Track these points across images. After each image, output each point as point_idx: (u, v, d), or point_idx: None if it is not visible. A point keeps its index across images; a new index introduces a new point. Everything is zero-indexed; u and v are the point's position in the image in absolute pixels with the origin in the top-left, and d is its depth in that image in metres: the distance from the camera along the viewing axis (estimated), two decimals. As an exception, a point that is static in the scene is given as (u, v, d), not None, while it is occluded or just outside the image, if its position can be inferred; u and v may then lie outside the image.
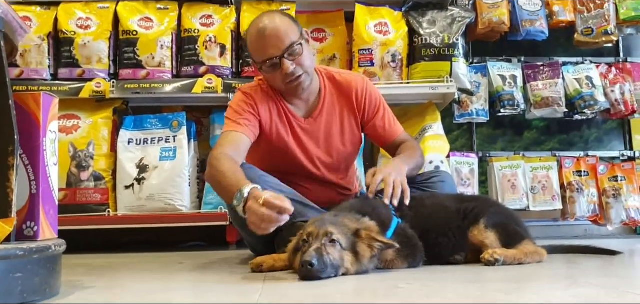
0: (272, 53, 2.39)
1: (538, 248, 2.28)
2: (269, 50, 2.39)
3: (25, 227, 1.60)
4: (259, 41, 2.41)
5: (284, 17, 2.47)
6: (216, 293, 1.69)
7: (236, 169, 2.21)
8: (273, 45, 2.38)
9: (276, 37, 2.38)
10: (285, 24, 2.42)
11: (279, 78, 2.45)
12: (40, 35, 3.59)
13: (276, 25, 2.39)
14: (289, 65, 2.40)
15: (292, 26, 2.44)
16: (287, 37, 2.39)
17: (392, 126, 2.70)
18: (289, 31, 2.41)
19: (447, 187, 2.64)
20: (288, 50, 2.39)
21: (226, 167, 2.22)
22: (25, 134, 1.60)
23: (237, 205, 2.06)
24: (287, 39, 2.39)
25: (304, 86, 2.50)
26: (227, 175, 2.18)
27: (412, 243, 2.14)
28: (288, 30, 2.41)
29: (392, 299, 1.47)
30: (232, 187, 2.10)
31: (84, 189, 3.43)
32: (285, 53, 2.39)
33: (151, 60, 3.60)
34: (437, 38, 3.67)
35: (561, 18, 3.99)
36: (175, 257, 2.99)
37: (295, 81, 2.45)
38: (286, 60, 2.39)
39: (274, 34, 2.38)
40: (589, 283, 1.75)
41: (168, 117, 3.61)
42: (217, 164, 2.25)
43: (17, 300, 1.41)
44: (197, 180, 3.59)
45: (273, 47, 2.38)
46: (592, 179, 3.98)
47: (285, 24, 2.42)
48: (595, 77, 4.02)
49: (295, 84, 2.46)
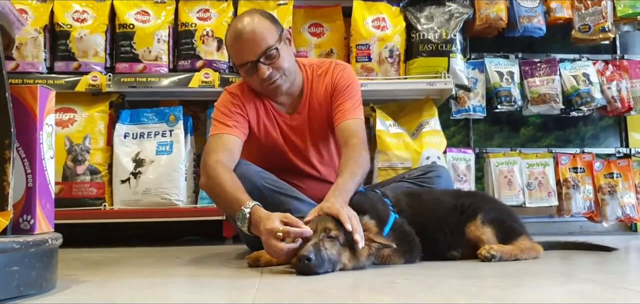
0: (247, 58, 2.37)
1: (534, 243, 2.29)
2: (245, 55, 2.37)
3: (22, 220, 1.60)
4: (235, 45, 2.39)
5: (263, 18, 2.42)
6: (213, 288, 1.69)
7: (234, 182, 2.21)
8: (249, 49, 2.36)
9: (252, 40, 2.34)
10: (262, 27, 2.37)
11: (256, 81, 2.43)
12: (36, 28, 3.57)
13: (253, 28, 2.35)
14: (264, 70, 2.37)
15: (270, 29, 2.39)
16: (263, 41, 2.35)
17: (347, 110, 2.47)
18: (266, 34, 2.36)
19: (444, 183, 2.64)
20: (263, 54, 2.36)
21: (223, 180, 2.22)
22: (21, 127, 1.59)
23: (240, 226, 2.11)
24: (263, 43, 2.35)
25: (281, 89, 2.47)
26: (226, 189, 2.19)
27: (409, 239, 2.15)
28: (265, 33, 2.36)
29: (389, 294, 1.47)
30: (232, 204, 2.15)
31: (80, 183, 3.42)
32: (260, 58, 2.36)
33: (148, 54, 3.59)
34: (434, 34, 3.67)
35: (559, 15, 3.99)
36: (172, 251, 2.98)
37: (272, 84, 2.43)
38: (262, 65, 2.36)
39: (250, 38, 2.34)
40: (585, 278, 1.75)
41: (165, 111, 3.60)
42: (215, 176, 2.24)
43: (14, 294, 1.41)
44: (194, 174, 3.59)
45: (248, 51, 2.36)
46: (588, 176, 3.99)
47: (263, 26, 2.38)
48: (592, 74, 4.03)
49: (272, 87, 2.44)
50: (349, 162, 2.26)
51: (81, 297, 1.54)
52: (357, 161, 2.27)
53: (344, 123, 2.44)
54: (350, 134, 2.39)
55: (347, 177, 2.19)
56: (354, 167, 2.24)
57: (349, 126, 2.43)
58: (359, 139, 2.37)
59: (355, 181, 2.21)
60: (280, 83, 2.44)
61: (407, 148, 3.52)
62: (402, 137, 3.56)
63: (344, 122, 2.44)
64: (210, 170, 2.27)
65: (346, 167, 2.23)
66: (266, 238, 1.96)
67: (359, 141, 2.36)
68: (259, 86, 2.46)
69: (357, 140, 2.36)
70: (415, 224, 2.20)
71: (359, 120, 2.48)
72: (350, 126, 2.43)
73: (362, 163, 2.28)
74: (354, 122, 2.45)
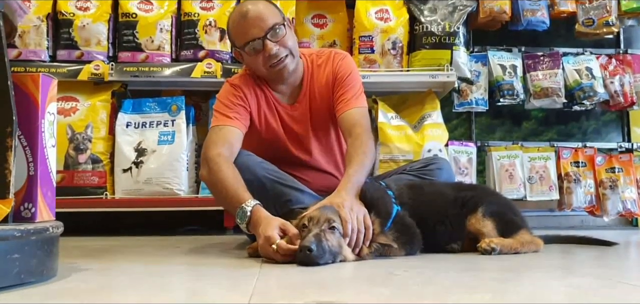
0: (254, 34, 2.36)
1: (534, 237, 2.29)
2: (251, 31, 2.36)
3: (23, 208, 1.60)
4: (241, 23, 2.38)
5: (267, 2, 2.45)
6: (213, 277, 1.69)
7: (236, 177, 2.21)
8: (255, 25, 2.35)
9: (258, 18, 2.35)
10: (268, 8, 2.40)
11: (262, 61, 2.41)
12: (39, 16, 3.57)
13: (259, 8, 2.37)
14: (271, 46, 2.36)
15: (274, 10, 2.42)
16: (270, 19, 2.36)
17: (349, 99, 2.47)
18: (271, 14, 2.38)
19: (445, 175, 2.63)
20: (270, 31, 2.36)
21: (224, 175, 2.22)
22: (23, 115, 1.59)
23: (240, 223, 2.12)
24: (270, 20, 2.36)
25: (289, 68, 2.45)
26: (227, 184, 2.19)
27: (410, 231, 2.15)
28: (270, 12, 2.39)
29: (388, 286, 1.47)
30: (233, 200, 2.16)
31: (82, 172, 3.43)
32: (268, 34, 2.35)
33: (150, 43, 3.59)
34: (438, 26, 3.66)
35: (562, 8, 3.98)
36: (172, 241, 2.99)
37: (279, 64, 2.41)
38: (269, 41, 2.36)
39: (257, 15, 2.36)
40: (584, 272, 1.76)
41: (167, 101, 3.61)
42: (217, 170, 2.24)
43: (14, 281, 1.42)
44: (195, 164, 3.59)
45: (255, 27, 2.35)
46: (589, 170, 3.99)
47: (268, 8, 2.41)
48: (595, 68, 4.02)
49: (279, 66, 2.42)
50: (357, 152, 2.27)
51: (81, 285, 1.54)
52: (364, 151, 2.27)
53: (347, 113, 2.44)
54: (354, 123, 2.39)
55: (356, 167, 2.21)
56: (362, 157, 2.25)
57: (352, 115, 2.43)
58: (363, 128, 2.38)
59: (364, 170, 2.23)
60: (287, 62, 2.42)
61: (409, 141, 3.52)
62: (404, 130, 3.56)
63: (347, 112, 2.44)
64: (212, 163, 2.26)
65: (355, 158, 2.25)
66: (263, 242, 1.98)
67: (363, 130, 2.36)
68: (264, 66, 2.43)
69: (361, 129, 2.36)
70: (417, 216, 2.20)
71: (362, 108, 2.48)
72: (354, 115, 2.42)
73: (368, 152, 2.29)
74: (357, 111, 2.44)
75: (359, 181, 2.17)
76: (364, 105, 2.50)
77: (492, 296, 1.32)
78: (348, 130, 2.40)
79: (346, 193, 2.08)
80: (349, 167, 2.23)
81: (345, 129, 2.43)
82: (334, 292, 1.41)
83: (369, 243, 2.02)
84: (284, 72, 2.45)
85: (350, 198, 2.07)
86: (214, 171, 2.24)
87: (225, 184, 2.20)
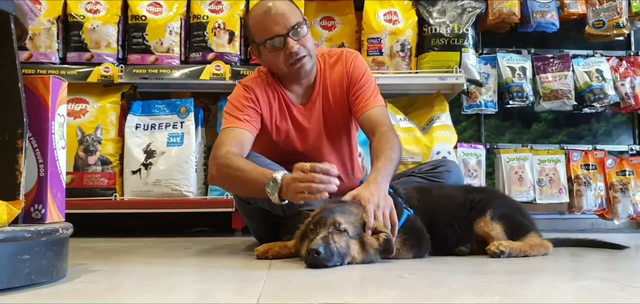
0: (277, 31, 2.37)
1: (544, 240, 2.28)
2: (274, 28, 2.37)
3: (33, 209, 1.62)
4: (264, 19, 2.40)
5: (288, 1, 2.47)
6: (221, 278, 1.70)
7: (253, 163, 2.23)
8: (278, 22, 2.37)
9: (282, 15, 2.37)
10: (291, 7, 2.44)
11: (282, 59, 2.42)
12: (49, 18, 3.60)
13: (282, 6, 2.39)
14: (293, 44, 2.37)
15: (296, 10, 2.46)
16: (293, 17, 2.39)
17: (368, 99, 2.49)
18: (293, 13, 2.41)
19: (454, 177, 2.63)
20: (293, 29, 2.37)
21: (241, 163, 2.23)
22: (34, 117, 1.61)
23: (270, 193, 2.11)
24: (293, 18, 2.38)
25: (306, 68, 2.46)
26: (246, 170, 2.20)
27: (419, 234, 2.15)
28: (292, 12, 2.41)
29: (395, 289, 1.47)
30: (258, 179, 2.15)
31: (91, 174, 3.45)
32: (290, 32, 2.37)
33: (160, 45, 3.61)
34: (446, 28, 3.66)
35: (572, 10, 3.96)
36: (181, 242, 3.00)
37: (298, 62, 2.42)
38: (291, 39, 2.37)
39: (281, 13, 2.38)
40: (593, 276, 1.75)
41: (176, 103, 3.62)
42: (230, 163, 2.24)
43: (25, 282, 1.43)
44: (204, 166, 3.60)
45: (278, 25, 2.37)
46: (599, 173, 3.96)
47: (290, 6, 2.44)
48: (605, 71, 4.00)
49: (298, 65, 2.43)
50: (384, 147, 2.29)
51: (91, 285, 1.55)
52: (391, 146, 2.30)
53: (368, 113, 2.46)
54: (377, 122, 2.42)
55: (385, 161, 2.23)
56: (389, 152, 2.28)
57: (374, 114, 2.45)
58: (386, 126, 2.41)
59: (394, 165, 2.26)
60: (305, 62, 2.43)
61: (418, 143, 3.52)
62: (413, 132, 3.56)
63: (368, 112, 2.46)
64: (222, 160, 2.27)
65: (383, 153, 2.27)
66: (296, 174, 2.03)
67: (387, 128, 2.39)
68: (284, 64, 2.44)
69: (384, 127, 2.39)
70: (425, 219, 2.20)
71: (382, 107, 2.51)
72: (375, 114, 2.45)
73: (395, 148, 2.32)
74: (378, 110, 2.47)
75: (388, 174, 2.20)
76: (382, 103, 2.54)
77: (500, 299, 1.31)
78: (371, 129, 2.42)
79: (376, 187, 2.10)
80: (377, 161, 2.25)
81: (369, 129, 2.45)
82: (341, 294, 1.41)
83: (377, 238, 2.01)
84: (301, 71, 2.46)
85: (378, 192, 2.08)
86: (226, 165, 2.25)
87: (244, 170, 2.21)
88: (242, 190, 2.38)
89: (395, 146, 2.32)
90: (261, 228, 2.55)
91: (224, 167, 2.26)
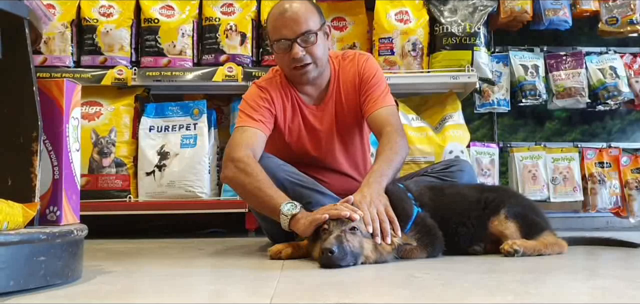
0: (285, 34, 2.39)
1: (558, 239, 2.27)
2: (284, 31, 2.39)
3: (48, 212, 1.64)
4: (278, 20, 2.41)
5: (310, 5, 2.47)
6: (234, 279, 1.71)
7: (270, 180, 2.24)
8: (289, 27, 2.38)
9: (294, 20, 2.37)
10: (308, 10, 2.42)
11: (287, 61, 2.44)
12: (63, 22, 3.63)
13: (299, 9, 2.39)
14: (298, 50, 2.38)
15: (314, 15, 2.44)
16: (305, 24, 2.38)
17: (376, 99, 2.48)
18: (309, 18, 2.40)
19: (467, 177, 2.62)
20: (302, 36, 2.38)
21: (260, 178, 2.24)
22: (48, 120, 1.63)
23: (283, 224, 2.13)
24: (304, 25, 2.38)
25: (309, 76, 2.47)
26: (263, 188, 2.22)
27: (431, 233, 2.14)
28: (308, 16, 2.40)
29: (408, 288, 1.47)
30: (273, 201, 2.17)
31: (106, 175, 3.48)
32: (298, 38, 2.38)
33: (172, 48, 3.63)
34: (458, 27, 3.65)
35: (585, 7, 3.93)
36: (195, 243, 3.02)
37: (301, 69, 2.43)
38: (297, 45, 2.38)
39: (294, 17, 2.38)
40: (609, 275, 1.73)
41: (189, 105, 3.64)
42: (250, 170, 2.25)
43: (40, 283, 1.45)
44: (217, 167, 3.61)
45: (288, 29, 2.38)
46: (614, 171, 3.93)
47: (309, 10, 2.42)
48: (619, 68, 3.96)
49: (301, 71, 2.44)
50: (385, 148, 2.30)
51: (105, 287, 1.57)
52: (393, 148, 2.29)
53: (376, 113, 2.46)
54: (384, 122, 2.41)
55: (382, 163, 2.23)
56: (390, 153, 2.27)
57: (381, 114, 2.45)
58: (393, 126, 2.40)
59: (393, 166, 2.25)
60: (309, 69, 2.45)
61: (430, 142, 3.51)
62: (425, 131, 3.55)
63: (376, 112, 2.46)
64: (243, 164, 2.27)
65: (382, 154, 2.28)
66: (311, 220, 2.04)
67: (393, 128, 2.38)
68: (288, 67, 2.46)
69: (391, 128, 2.38)
70: (438, 218, 2.19)
71: (391, 107, 2.50)
72: (383, 114, 2.45)
73: (398, 149, 2.31)
74: (386, 109, 2.47)
75: (385, 176, 2.19)
76: (392, 103, 2.53)
77: (514, 298, 1.31)
78: (379, 130, 2.42)
79: (367, 188, 2.11)
80: (375, 163, 2.27)
81: (376, 129, 2.45)
82: (354, 294, 1.41)
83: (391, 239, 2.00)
84: (304, 78, 2.48)
85: (371, 192, 2.08)
86: (247, 173, 2.26)
87: (260, 187, 2.22)
88: (254, 205, 2.39)
89: (397, 146, 2.31)
90: (274, 229, 2.55)
91: (241, 172, 2.27)
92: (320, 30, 2.44)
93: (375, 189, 2.12)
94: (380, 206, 2.05)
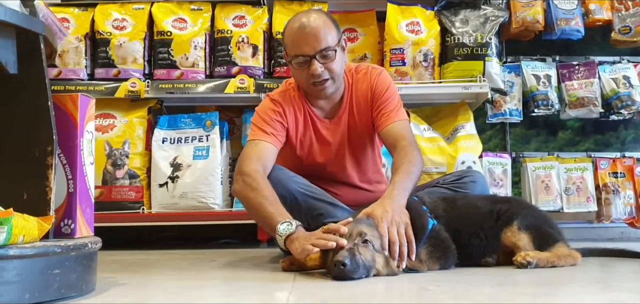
0: (305, 50, 2.38)
1: (572, 250, 2.25)
2: (303, 47, 2.38)
3: (63, 225, 1.65)
4: (297, 35, 2.40)
5: (328, 19, 2.46)
6: (247, 291, 1.71)
7: (273, 196, 2.23)
8: (308, 43, 2.37)
9: (314, 36, 2.37)
10: (326, 26, 2.41)
11: (305, 76, 2.43)
12: (77, 36, 3.67)
13: (318, 25, 2.38)
14: (317, 66, 2.37)
15: (332, 31, 2.43)
16: (324, 40, 2.37)
17: (389, 113, 2.48)
18: (328, 34, 2.39)
19: (479, 188, 2.61)
20: (321, 52, 2.37)
21: (265, 193, 2.24)
22: (63, 134, 1.65)
23: (278, 242, 2.13)
24: (324, 41, 2.37)
25: (327, 91, 2.47)
26: (265, 204, 2.21)
27: (444, 245, 2.13)
28: (327, 32, 2.39)
29: (420, 301, 1.47)
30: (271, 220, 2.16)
31: (119, 187, 3.50)
32: (317, 54, 2.37)
33: (185, 60, 3.66)
34: (469, 37, 3.64)
35: (598, 17, 3.91)
36: (207, 254, 3.03)
37: (320, 85, 2.43)
38: (316, 62, 2.37)
39: (314, 33, 2.37)
40: (623, 288, 1.72)
41: (201, 116, 3.66)
42: (256, 186, 2.26)
43: (55, 296, 1.46)
44: (229, 178, 3.63)
45: (307, 45, 2.37)
46: (628, 181, 3.89)
47: (327, 26, 2.41)
48: (632, 77, 3.93)
49: (319, 87, 2.44)
50: (403, 161, 2.28)
51: (119, 299, 1.58)
52: (411, 160, 2.28)
53: (389, 127, 2.45)
54: (398, 136, 2.41)
55: (403, 176, 2.21)
56: (409, 166, 2.25)
57: (395, 129, 2.44)
58: (407, 140, 2.39)
59: (412, 179, 2.23)
60: (327, 85, 2.45)
61: (442, 153, 3.50)
62: (437, 142, 3.54)
63: (390, 126, 2.45)
64: (250, 180, 2.28)
65: (401, 167, 2.25)
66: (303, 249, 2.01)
67: (408, 142, 2.38)
68: (306, 82, 2.46)
69: (405, 142, 2.37)
70: (451, 229, 2.18)
71: (404, 121, 2.50)
72: (397, 128, 2.44)
73: (416, 162, 2.30)
74: (399, 124, 2.46)
75: (405, 188, 2.17)
76: (405, 118, 2.53)
77: (527, 311, 1.31)
78: (392, 144, 2.42)
79: (390, 202, 2.08)
80: (395, 175, 2.23)
81: (390, 144, 2.44)
82: (366, 307, 1.41)
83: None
84: (322, 93, 2.48)
85: (393, 208, 2.06)
86: (253, 188, 2.26)
87: (263, 204, 2.22)
88: (257, 219, 2.39)
89: (414, 159, 2.30)
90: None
91: (247, 187, 2.28)
92: (338, 45, 2.43)
93: (397, 203, 2.09)
94: (401, 226, 2.02)
